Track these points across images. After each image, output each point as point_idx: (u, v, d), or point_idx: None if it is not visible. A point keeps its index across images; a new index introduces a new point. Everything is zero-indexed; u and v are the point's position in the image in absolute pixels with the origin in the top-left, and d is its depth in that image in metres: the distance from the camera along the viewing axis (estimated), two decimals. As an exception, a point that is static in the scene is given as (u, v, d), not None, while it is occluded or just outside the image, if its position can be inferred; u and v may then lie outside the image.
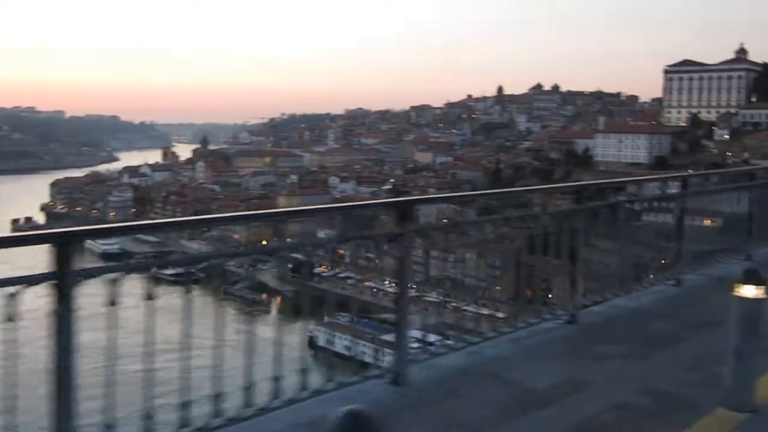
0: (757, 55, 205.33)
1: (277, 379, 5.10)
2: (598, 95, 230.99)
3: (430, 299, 8.02)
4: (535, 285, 8.11)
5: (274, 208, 34.61)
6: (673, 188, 10.26)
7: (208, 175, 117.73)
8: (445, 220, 14.87)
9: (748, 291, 5.58)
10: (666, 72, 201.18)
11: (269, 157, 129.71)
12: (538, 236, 7.84)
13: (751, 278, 5.59)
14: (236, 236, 65.15)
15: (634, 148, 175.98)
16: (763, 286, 5.56)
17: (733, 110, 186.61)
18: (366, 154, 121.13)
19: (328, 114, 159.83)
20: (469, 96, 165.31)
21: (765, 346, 5.63)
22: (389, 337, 6.00)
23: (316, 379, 5.46)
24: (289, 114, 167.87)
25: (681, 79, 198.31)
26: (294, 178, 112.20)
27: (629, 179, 12.46)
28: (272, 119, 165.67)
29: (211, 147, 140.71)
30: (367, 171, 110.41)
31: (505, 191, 9.85)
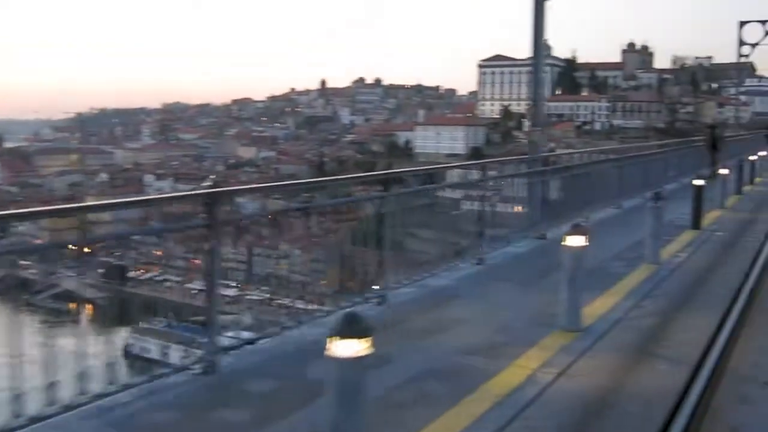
0: (560, 51, 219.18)
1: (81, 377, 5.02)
2: (419, 89, 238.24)
3: (254, 297, 8.26)
4: (357, 275, 8.63)
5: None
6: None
7: (4, 175, 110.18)
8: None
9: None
10: (480, 66, 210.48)
11: (76, 155, 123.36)
12: (359, 228, 8.38)
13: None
14: (39, 241, 61.25)
15: (452, 140, 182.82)
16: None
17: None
18: (185, 150, 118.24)
19: (143, 108, 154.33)
20: (293, 89, 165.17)
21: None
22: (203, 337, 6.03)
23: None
24: (99, 109, 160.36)
25: (494, 72, 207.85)
26: (104, 176, 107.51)
27: (426, 168, 13.32)
28: (79, 114, 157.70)
29: (8, 145, 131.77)
30: (186, 167, 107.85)
31: (316, 180, 10.17)
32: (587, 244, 7.29)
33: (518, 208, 12.66)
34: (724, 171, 17.64)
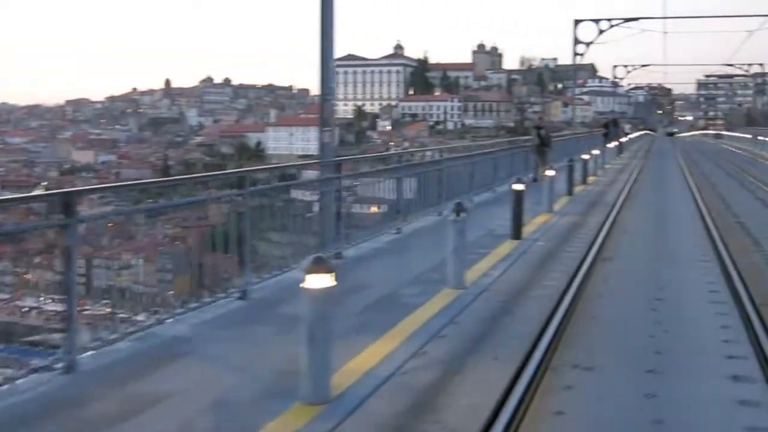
0: (412, 52, 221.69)
1: None
2: (271, 88, 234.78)
3: (95, 313, 8.43)
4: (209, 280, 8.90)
5: None
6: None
7: None
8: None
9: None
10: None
11: None
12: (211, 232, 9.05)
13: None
14: None
15: (304, 140, 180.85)
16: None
17: (393, 102, 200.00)
18: (12, 155, 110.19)
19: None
20: (135, 89, 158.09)
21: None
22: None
23: None
24: None
25: (346, 72, 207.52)
26: None
27: (261, 167, 13.74)
28: None
29: None
30: (14, 174, 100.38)
31: (185, 177, 11.15)
32: (334, 284, 5.35)
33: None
34: (551, 172, 16.43)
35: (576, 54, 46.39)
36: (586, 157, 23.30)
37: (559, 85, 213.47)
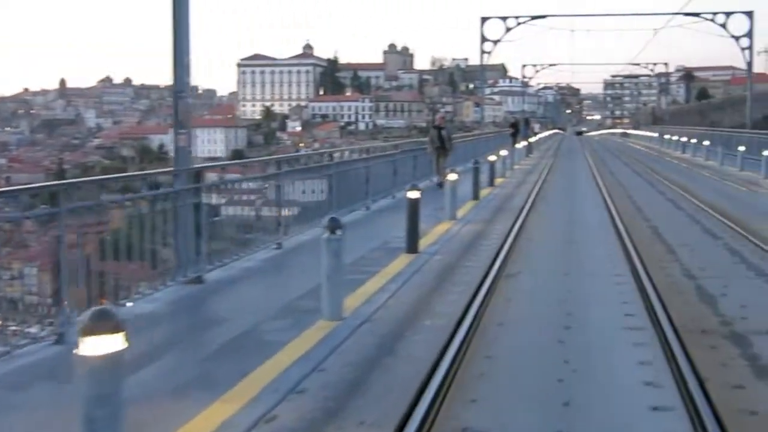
0: (322, 51, 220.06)
1: None
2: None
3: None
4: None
5: None
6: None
7: None
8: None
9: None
10: (239, 65, 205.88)
11: None
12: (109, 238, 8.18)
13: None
14: None
15: (211, 142, 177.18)
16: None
17: (303, 103, 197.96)
18: None
19: None
20: (26, 89, 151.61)
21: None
22: None
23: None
24: None
25: (254, 72, 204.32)
26: None
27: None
28: None
29: None
30: None
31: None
32: (124, 346, 3.87)
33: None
34: (453, 176, 15.26)
35: (483, 52, 45.86)
36: (492, 158, 22.33)
37: (471, 85, 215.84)
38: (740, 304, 8.25)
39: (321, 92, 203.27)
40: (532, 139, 46.55)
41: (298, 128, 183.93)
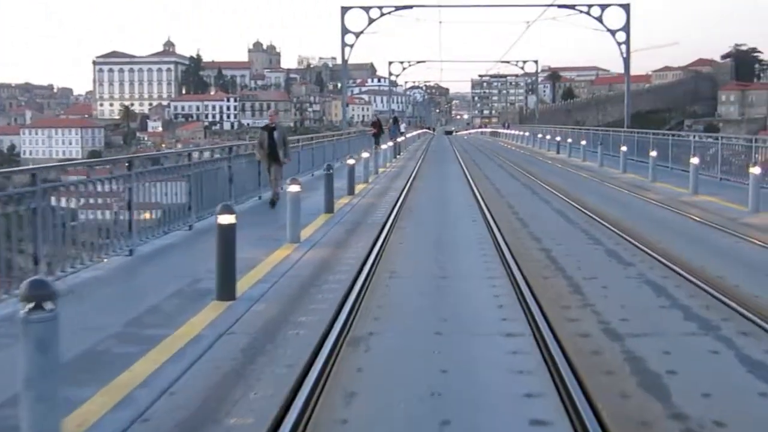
0: (184, 49, 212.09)
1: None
2: (27, 87, 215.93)
3: None
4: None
5: None
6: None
7: None
8: None
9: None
10: (95, 63, 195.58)
11: None
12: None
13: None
14: None
15: (66, 143, 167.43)
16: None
17: (165, 102, 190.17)
18: None
19: None
20: None
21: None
22: None
23: None
24: None
25: (111, 70, 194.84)
26: None
27: None
28: None
29: None
30: None
31: None
32: None
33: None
34: (294, 187, 12.05)
35: (345, 45, 42.82)
36: (351, 162, 19.26)
37: (339, 84, 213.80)
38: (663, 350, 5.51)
39: (183, 91, 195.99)
40: (400, 139, 43.89)
41: (160, 128, 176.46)
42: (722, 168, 21.69)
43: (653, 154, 22.29)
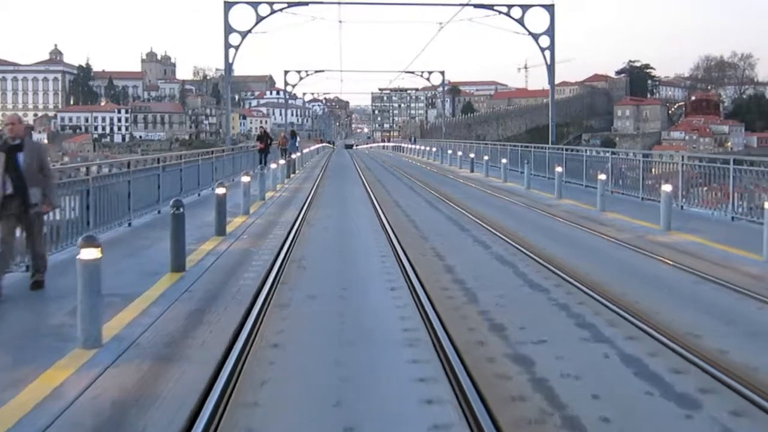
0: (72, 57, 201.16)
1: None
2: None
3: None
4: None
5: None
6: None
7: None
8: None
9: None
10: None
11: None
12: None
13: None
14: None
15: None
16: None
17: (51, 113, 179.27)
18: None
19: None
20: None
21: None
22: None
23: None
24: None
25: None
26: None
27: None
28: None
29: None
30: None
31: None
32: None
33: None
34: (91, 253, 6.98)
35: (230, 46, 37.51)
36: (221, 191, 14.14)
37: (236, 97, 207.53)
38: None
39: (71, 102, 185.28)
40: (295, 156, 38.83)
41: (45, 141, 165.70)
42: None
43: (602, 177, 18.00)
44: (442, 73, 72.20)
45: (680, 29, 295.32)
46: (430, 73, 72.86)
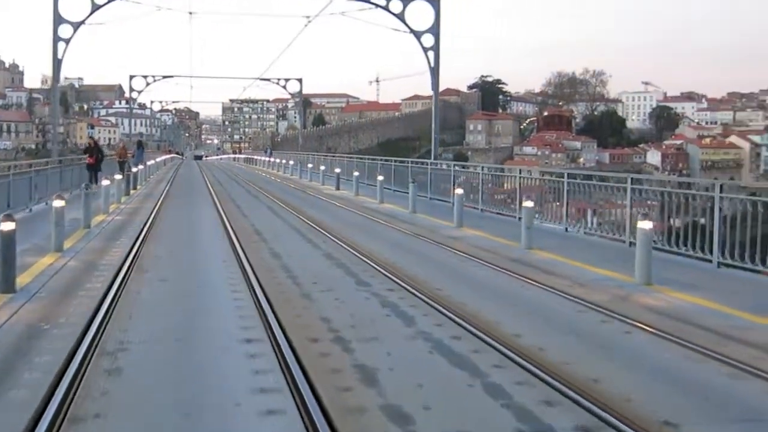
0: None
1: None
2: None
3: None
4: None
5: None
6: None
7: None
8: None
9: None
10: None
11: None
12: None
13: None
14: None
15: None
16: None
17: None
18: None
19: None
20: None
21: None
22: None
23: None
24: None
25: None
26: None
27: None
28: None
29: None
30: None
31: None
32: None
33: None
34: None
35: (59, 39, 32.03)
36: (9, 227, 9.56)
37: (86, 106, 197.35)
38: None
39: None
40: (136, 169, 33.56)
41: None
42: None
43: (528, 204, 14.43)
44: (300, 80, 68.15)
45: (532, 46, 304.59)
46: (287, 80, 68.64)
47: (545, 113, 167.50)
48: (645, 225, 10.39)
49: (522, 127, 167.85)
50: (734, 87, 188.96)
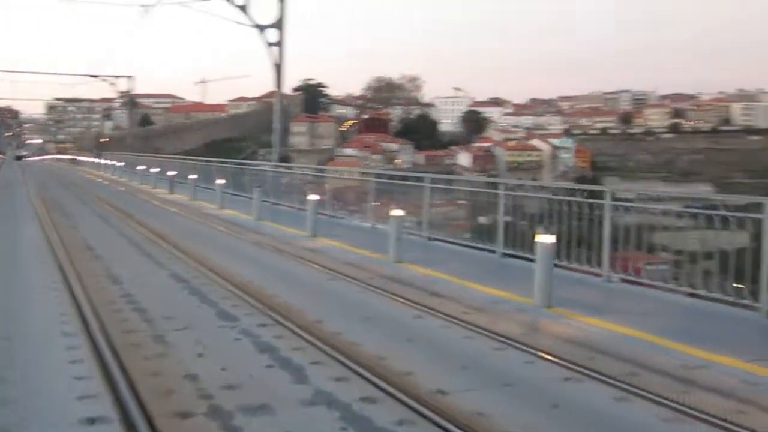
0: None
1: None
2: None
3: None
4: None
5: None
6: None
7: None
8: None
9: None
10: None
11: None
12: None
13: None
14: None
15: None
16: None
17: None
18: None
19: None
20: None
21: None
22: None
23: None
24: None
25: None
26: None
27: None
28: None
29: None
30: None
31: None
32: None
33: None
34: None
35: None
36: None
37: None
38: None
39: None
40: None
41: None
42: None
43: (397, 213, 12.69)
44: (130, 77, 63.37)
45: (352, 50, 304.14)
46: (117, 77, 63.59)
47: (365, 116, 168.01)
48: (546, 239, 8.81)
49: (343, 129, 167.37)
50: (536, 94, 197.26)
